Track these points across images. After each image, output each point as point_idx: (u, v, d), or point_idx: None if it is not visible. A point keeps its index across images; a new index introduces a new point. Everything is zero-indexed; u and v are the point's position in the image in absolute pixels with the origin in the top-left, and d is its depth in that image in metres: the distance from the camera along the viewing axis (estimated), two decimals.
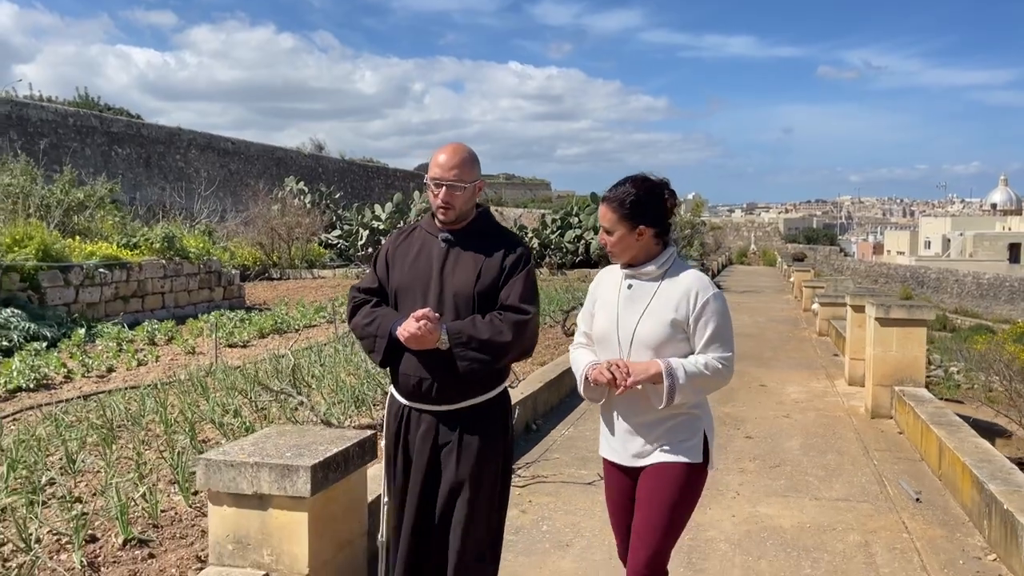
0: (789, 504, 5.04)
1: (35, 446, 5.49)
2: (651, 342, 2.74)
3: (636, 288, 2.81)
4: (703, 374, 2.69)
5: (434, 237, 2.94)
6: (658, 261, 2.80)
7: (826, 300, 14.00)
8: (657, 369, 2.66)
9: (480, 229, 2.95)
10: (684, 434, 2.76)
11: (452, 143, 2.93)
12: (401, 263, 2.95)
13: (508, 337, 2.78)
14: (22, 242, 12.53)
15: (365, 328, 2.91)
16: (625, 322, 2.79)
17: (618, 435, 2.85)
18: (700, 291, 2.75)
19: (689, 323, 2.74)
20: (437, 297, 2.83)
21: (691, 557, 4.16)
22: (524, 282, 2.89)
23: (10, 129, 26.44)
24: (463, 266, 2.87)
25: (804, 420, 7.41)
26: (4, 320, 10.65)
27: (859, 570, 4.08)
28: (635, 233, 2.77)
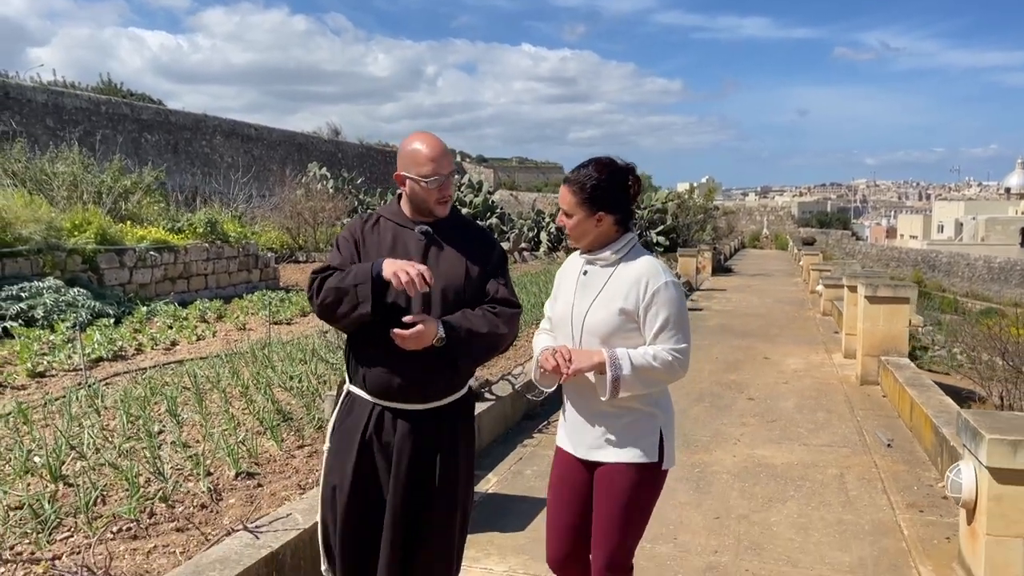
0: (781, 448, 6.03)
1: (138, 404, 6.47)
2: (600, 331, 2.66)
3: (591, 274, 2.74)
4: (651, 366, 2.59)
5: (407, 229, 2.79)
6: (614, 247, 2.72)
7: (830, 282, 14.87)
8: (600, 359, 2.58)
9: (453, 221, 2.84)
10: (639, 432, 2.68)
11: (423, 133, 2.80)
12: (376, 252, 2.75)
13: (504, 330, 2.74)
14: (81, 227, 13.53)
15: (339, 284, 2.65)
16: (578, 309, 2.73)
17: (571, 424, 2.79)
18: (651, 279, 2.65)
19: (639, 313, 2.65)
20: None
21: (699, 484, 5.17)
22: (508, 278, 2.88)
23: (46, 116, 27.49)
24: (449, 259, 2.76)
25: (800, 386, 8.37)
26: (72, 298, 11.66)
27: (833, 493, 5.09)
28: (594, 218, 2.68)
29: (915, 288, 8.50)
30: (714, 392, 7.96)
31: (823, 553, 4.19)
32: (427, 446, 2.72)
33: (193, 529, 4.21)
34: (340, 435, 2.79)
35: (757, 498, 4.98)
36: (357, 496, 2.71)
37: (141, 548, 3.91)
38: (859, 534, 4.44)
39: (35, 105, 26.93)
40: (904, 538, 4.42)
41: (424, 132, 2.81)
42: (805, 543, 4.31)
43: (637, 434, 2.67)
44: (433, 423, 2.73)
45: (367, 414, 2.74)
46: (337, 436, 2.81)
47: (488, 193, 30.91)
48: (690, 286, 19.81)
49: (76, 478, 4.68)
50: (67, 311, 11.14)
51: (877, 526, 4.56)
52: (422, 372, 2.66)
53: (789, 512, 4.75)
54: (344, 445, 2.75)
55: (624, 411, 2.66)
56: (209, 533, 4.18)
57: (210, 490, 4.64)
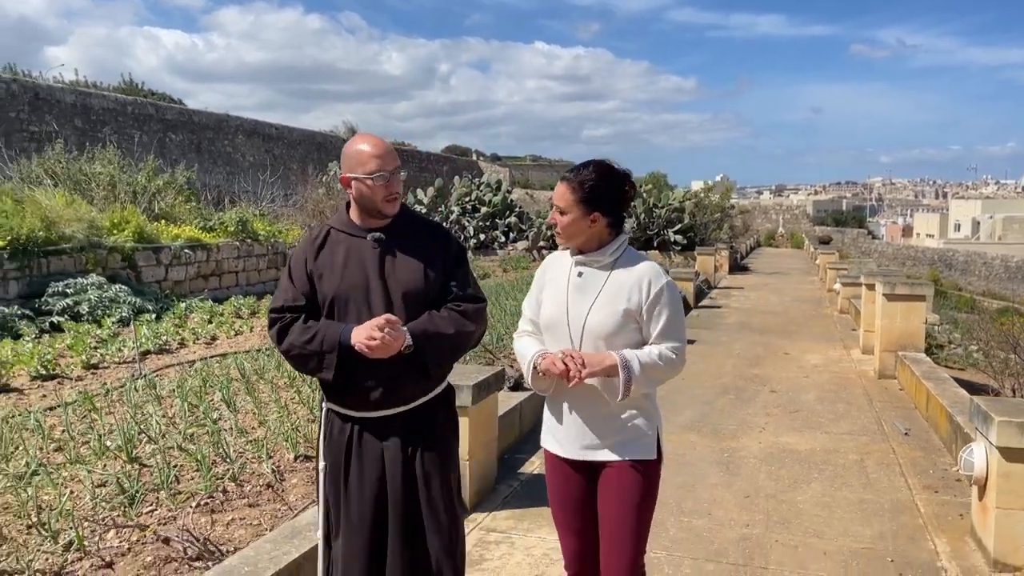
0: (804, 436, 6.40)
1: (194, 393, 6.87)
2: (602, 332, 2.68)
3: (587, 276, 2.75)
4: (657, 365, 2.65)
5: (359, 238, 2.75)
6: (609, 249, 2.74)
7: (847, 280, 15.18)
8: (612, 361, 2.61)
9: (404, 222, 2.81)
10: (639, 431, 2.72)
11: (366, 134, 2.83)
12: (330, 271, 2.73)
13: (472, 327, 2.76)
14: (120, 225, 13.98)
15: (306, 346, 2.65)
16: (575, 311, 2.72)
17: (567, 427, 2.77)
18: (653, 280, 2.70)
19: (642, 313, 2.68)
20: (384, 300, 2.69)
21: (728, 467, 5.55)
22: (467, 270, 2.87)
23: (75, 117, 28.03)
24: (405, 263, 2.74)
25: (820, 380, 8.72)
26: (114, 295, 12.10)
27: (854, 475, 5.46)
28: (588, 219, 2.70)
29: (931, 286, 8.85)
30: (738, 385, 8.33)
31: (846, 527, 4.56)
32: (414, 442, 2.72)
33: (264, 505, 4.61)
34: (330, 452, 2.78)
35: (783, 480, 5.37)
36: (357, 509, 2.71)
37: (220, 520, 4.31)
38: (879, 511, 4.81)
39: (64, 106, 27.48)
40: (921, 515, 4.79)
41: (367, 133, 2.83)
42: (829, 518, 4.69)
43: (637, 433, 2.71)
44: (416, 424, 2.73)
45: (349, 428, 2.73)
46: (328, 453, 2.79)
47: (507, 192, 31.27)
48: (708, 284, 20.13)
49: (148, 459, 5.07)
50: (110, 307, 11.58)
51: (896, 505, 4.93)
52: (394, 381, 2.66)
53: (813, 492, 5.13)
54: (337, 463, 2.75)
55: (625, 411, 2.70)
56: (278, 508, 4.58)
57: (273, 471, 5.02)
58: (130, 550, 3.96)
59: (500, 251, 26.87)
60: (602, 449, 2.71)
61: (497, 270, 20.44)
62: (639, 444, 2.71)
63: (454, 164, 58.08)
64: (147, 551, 3.94)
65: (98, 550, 3.90)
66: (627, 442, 2.70)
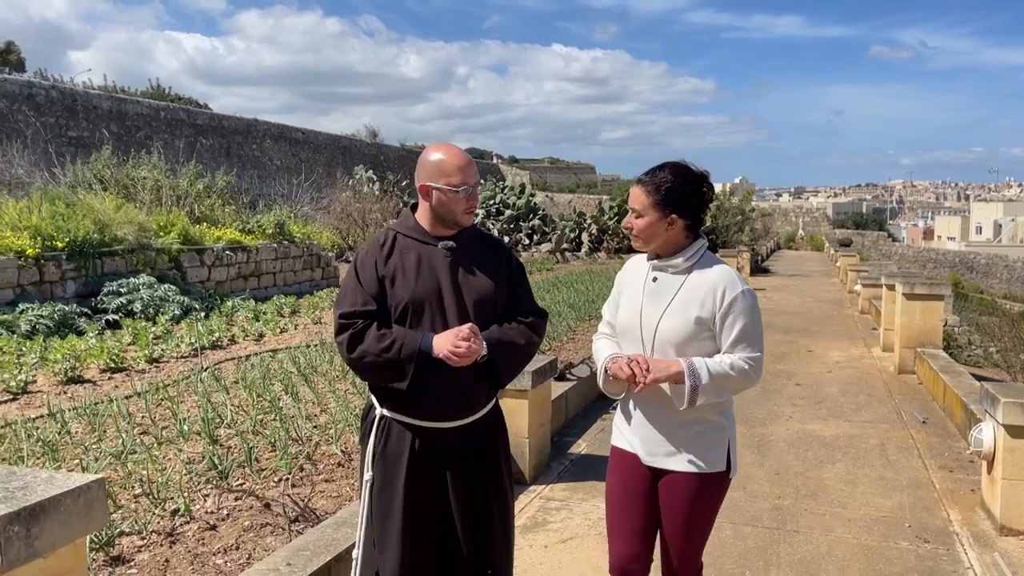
0: (828, 424, 6.89)
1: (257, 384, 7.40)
2: (674, 339, 2.63)
3: (661, 281, 2.71)
4: (728, 375, 2.59)
5: (430, 246, 2.74)
6: (686, 254, 2.69)
7: (867, 282, 15.57)
8: (679, 368, 2.56)
9: (471, 235, 2.82)
10: (709, 443, 2.68)
11: (445, 143, 2.81)
12: (403, 276, 2.69)
13: (537, 340, 2.79)
14: (166, 228, 14.60)
15: (383, 354, 2.59)
16: (648, 316, 2.69)
17: (637, 431, 2.76)
18: (728, 287, 2.63)
19: (715, 321, 2.62)
20: (457, 308, 2.68)
21: (759, 449, 6.06)
22: (528, 283, 2.90)
23: (111, 122, 28.84)
24: (476, 274, 2.74)
25: (843, 375, 9.19)
26: (164, 294, 12.70)
27: (875, 457, 5.96)
28: (665, 221, 2.65)
29: (949, 286, 9.29)
30: (764, 379, 8.79)
31: (868, 499, 5.07)
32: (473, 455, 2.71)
33: (339, 480, 5.14)
34: (383, 464, 2.70)
35: (810, 460, 5.87)
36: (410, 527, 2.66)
37: (303, 493, 4.83)
38: (898, 487, 5.31)
39: (100, 112, 28.30)
40: (936, 490, 5.29)
41: (445, 143, 2.80)
42: (853, 492, 5.20)
43: (707, 444, 2.67)
44: (474, 436, 2.72)
45: (409, 438, 2.67)
46: (380, 465, 2.70)
47: (531, 196, 31.80)
48: None
49: (226, 441, 5.61)
50: (161, 305, 12.18)
51: (913, 481, 5.43)
52: (464, 389, 2.65)
53: (838, 471, 5.63)
54: (390, 475, 2.68)
55: (696, 421, 2.65)
56: (353, 483, 5.11)
57: (342, 452, 5.53)
58: (228, 515, 4.49)
59: (524, 253, 27.37)
60: (670, 457, 2.68)
61: None
62: (708, 455, 2.66)
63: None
64: (244, 516, 4.46)
65: (202, 515, 4.44)
66: (697, 452, 2.66)
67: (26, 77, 29.91)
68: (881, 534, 4.52)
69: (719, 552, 4.22)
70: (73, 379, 7.85)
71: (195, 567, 3.91)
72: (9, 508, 1.58)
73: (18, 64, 40.58)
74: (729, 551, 4.27)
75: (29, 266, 11.38)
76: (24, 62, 41.75)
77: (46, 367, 8.14)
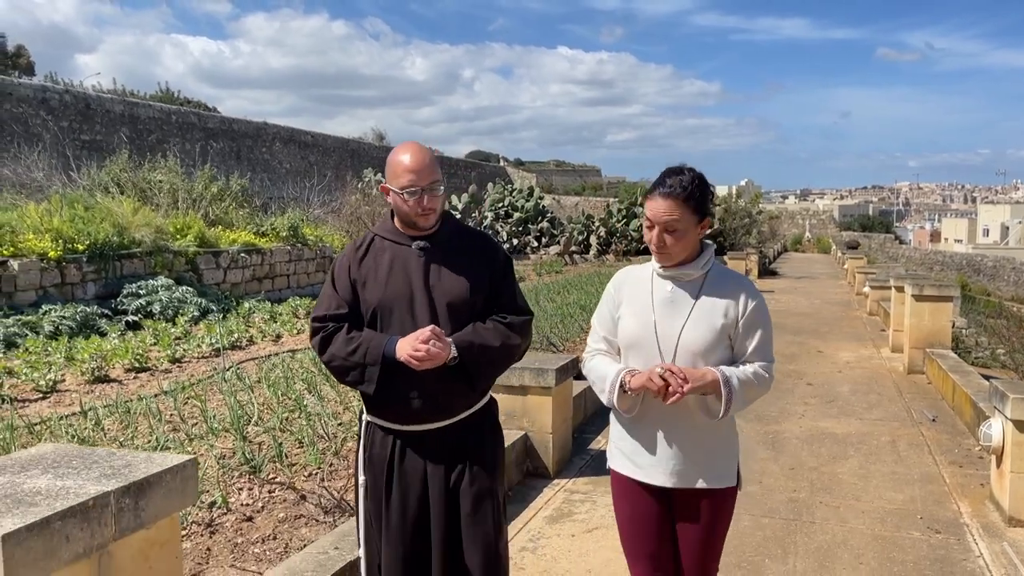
0: (840, 422, 7.06)
1: (280, 384, 7.58)
2: (699, 348, 2.55)
3: (676, 290, 2.62)
4: (752, 383, 2.55)
5: (404, 246, 2.71)
6: (700, 261, 2.62)
7: (876, 284, 15.72)
8: (714, 377, 2.48)
9: (451, 232, 2.78)
10: (721, 458, 2.63)
11: (409, 143, 2.75)
12: (374, 279, 2.67)
13: (518, 340, 2.69)
14: (183, 231, 14.81)
15: (349, 358, 2.59)
16: (666, 327, 2.58)
17: (652, 451, 2.63)
18: (750, 296, 2.60)
19: (738, 328, 2.58)
20: (428, 310, 2.62)
21: (774, 445, 6.24)
22: (514, 282, 2.80)
23: (123, 126, 29.06)
24: (450, 273, 2.68)
25: (853, 375, 9.35)
26: (182, 296, 12.91)
27: (887, 453, 6.13)
28: (699, 227, 2.57)
29: (958, 288, 9.46)
30: (776, 378, 8.88)
31: (880, 493, 5.24)
32: (456, 457, 2.67)
33: None
34: (371, 467, 2.71)
35: (823, 456, 6.04)
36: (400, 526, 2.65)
37: (333, 487, 5.01)
38: (909, 481, 5.48)
39: (113, 115, 28.54)
40: (946, 484, 5.46)
41: (411, 142, 2.74)
42: (866, 486, 5.37)
43: (720, 458, 2.62)
44: (459, 439, 2.67)
45: (391, 442, 2.66)
46: (369, 469, 2.72)
47: (539, 199, 31.98)
48: None
49: (255, 438, 5.79)
50: (180, 307, 12.38)
51: (924, 476, 5.60)
52: (438, 393, 2.60)
53: (851, 466, 5.80)
54: (378, 479, 2.68)
55: (711, 435, 2.61)
56: None
57: None
58: (263, 508, 4.68)
59: (533, 256, 27.55)
60: (690, 475, 2.60)
61: (532, 274, 21.11)
62: (724, 471, 2.62)
63: (482, 170, 58.90)
64: (279, 508, 4.64)
65: (238, 507, 4.62)
66: (713, 468, 2.61)
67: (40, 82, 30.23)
68: (894, 525, 4.69)
69: (739, 541, 4.39)
70: (100, 378, 8.04)
71: (235, 555, 4.09)
72: (120, 483, 1.76)
73: (28, 68, 40.96)
74: (748, 540, 4.45)
75: (51, 268, 11.60)
76: (34, 66, 42.14)
77: (73, 366, 8.33)
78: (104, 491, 1.70)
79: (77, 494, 1.68)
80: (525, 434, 5.22)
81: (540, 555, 4.31)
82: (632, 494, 2.69)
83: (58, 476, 1.80)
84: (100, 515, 1.69)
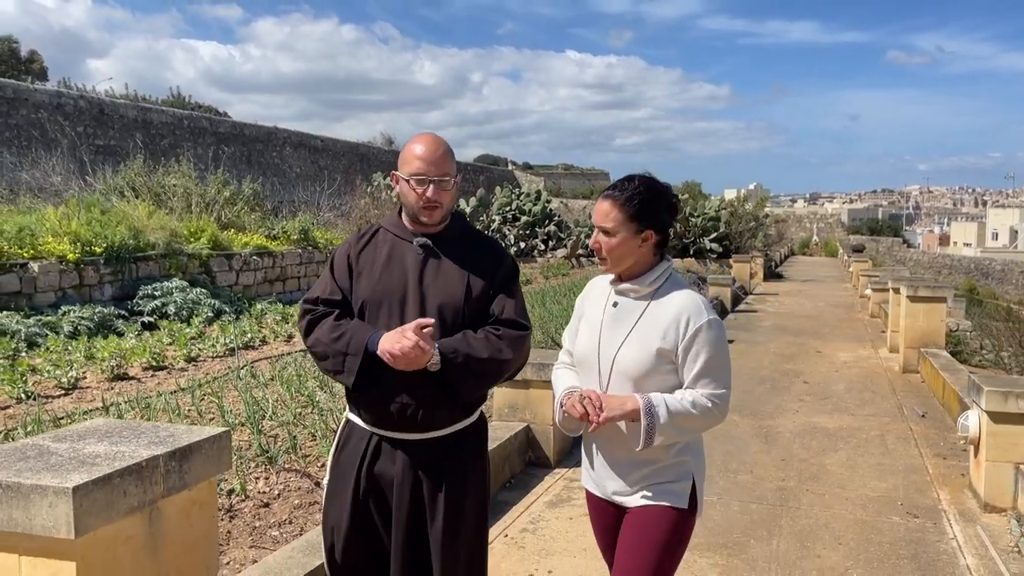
0: (832, 417, 7.33)
1: (293, 381, 7.86)
2: (632, 372, 2.39)
3: (622, 307, 2.48)
4: (689, 413, 2.36)
5: (406, 242, 2.59)
6: (649, 277, 2.46)
7: (877, 286, 15.95)
8: (634, 406, 2.33)
9: (459, 233, 2.65)
10: (670, 476, 2.45)
11: (426, 133, 2.60)
12: (369, 271, 2.56)
13: (509, 355, 2.50)
14: (196, 234, 15.15)
15: (332, 344, 2.47)
16: (607, 346, 2.46)
17: (598, 470, 2.55)
18: (692, 316, 2.39)
19: (678, 353, 2.39)
20: (419, 310, 2.49)
21: (767, 439, 6.51)
22: (518, 295, 2.62)
23: (136, 131, 29.50)
24: (447, 275, 2.54)
25: (849, 374, 9.61)
26: (196, 297, 13.23)
27: (875, 446, 6.40)
28: (639, 237, 2.42)
29: (951, 289, 9.70)
30: (774, 377, 9.24)
31: (865, 482, 5.51)
32: (430, 482, 2.50)
33: None
34: (337, 470, 2.58)
35: (813, 448, 6.31)
36: (359, 537, 2.52)
37: None
38: (894, 471, 5.75)
39: (127, 120, 28.99)
40: (929, 474, 5.72)
41: (428, 133, 2.62)
42: (852, 476, 5.64)
43: (667, 479, 2.44)
44: (436, 455, 2.51)
45: (364, 445, 2.52)
46: (334, 471, 2.59)
47: (546, 202, 32.27)
48: (744, 290, 20.96)
49: (270, 431, 6.07)
50: (194, 308, 12.69)
51: (908, 467, 5.87)
52: (419, 399, 2.44)
53: (839, 458, 6.07)
54: (341, 481, 2.54)
55: (653, 460, 2.43)
56: None
57: None
58: (279, 495, 4.96)
59: (540, 259, 27.83)
60: (628, 495, 2.47)
61: (539, 277, 21.39)
62: (666, 489, 2.44)
63: (490, 174, 59.28)
64: (294, 496, 4.93)
65: (255, 495, 4.90)
66: (654, 487, 2.44)
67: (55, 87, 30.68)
68: (875, 511, 4.96)
69: (727, 524, 4.67)
70: (119, 376, 8.33)
71: (254, 537, 4.38)
72: (167, 448, 2.05)
73: (41, 73, 41.48)
74: (736, 523, 4.72)
75: (69, 270, 11.93)
76: (47, 71, 42.68)
77: (94, 365, 8.63)
78: (155, 454, 1.99)
79: (132, 456, 1.97)
80: (527, 425, 5.50)
81: (539, 535, 4.57)
82: (595, 508, 2.63)
83: (112, 443, 2.09)
84: (151, 475, 1.97)
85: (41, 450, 2.04)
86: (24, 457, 1.98)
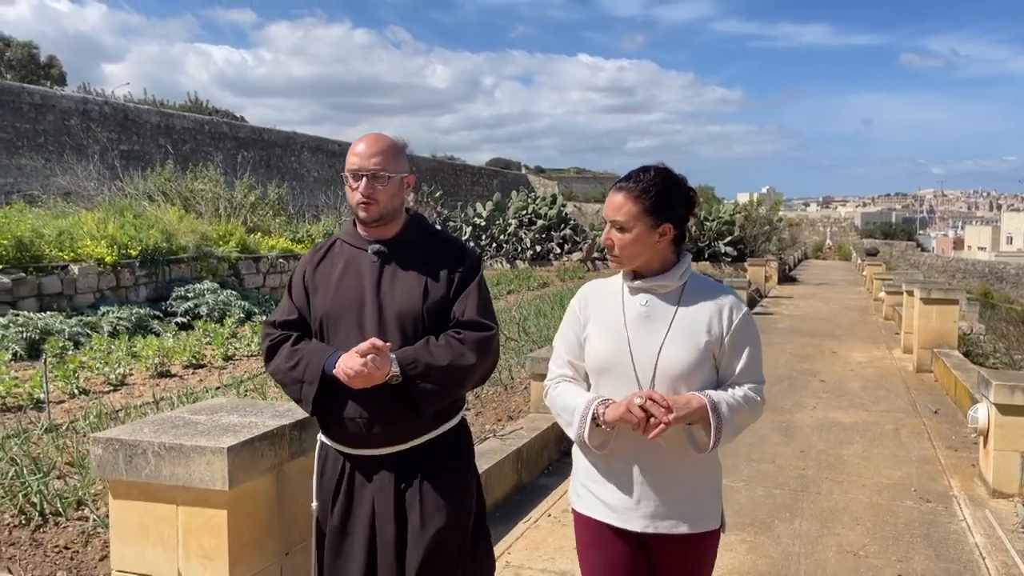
0: (848, 413, 7.66)
1: None
2: (680, 370, 2.23)
3: (652, 305, 2.30)
4: (743, 409, 2.24)
5: (361, 251, 2.49)
6: (677, 271, 2.30)
7: (891, 289, 16.22)
8: (700, 404, 2.16)
9: (416, 237, 2.53)
10: (707, 498, 2.31)
11: (371, 132, 2.50)
12: (324, 286, 2.48)
13: (472, 359, 2.38)
14: (225, 237, 15.59)
15: (289, 373, 2.40)
16: (642, 348, 2.25)
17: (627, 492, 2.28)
18: (735, 308, 2.30)
19: (723, 346, 2.26)
20: (376, 321, 2.39)
21: (786, 432, 6.85)
22: (480, 294, 2.50)
23: (159, 136, 30.04)
24: (404, 281, 2.44)
25: (864, 373, 9.93)
26: (226, 299, 13.65)
27: (889, 439, 6.73)
28: (656, 232, 2.25)
29: (964, 291, 10.02)
30: (791, 376, 9.58)
31: (881, 471, 5.85)
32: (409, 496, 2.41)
33: None
34: (321, 492, 2.50)
35: (831, 441, 6.65)
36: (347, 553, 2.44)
37: None
38: (908, 462, 6.09)
39: (150, 126, 29.53)
40: (941, 464, 6.06)
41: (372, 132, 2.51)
42: (868, 465, 5.98)
43: (704, 499, 2.30)
44: (411, 468, 2.42)
45: (340, 466, 2.45)
46: (319, 495, 2.51)
47: (562, 206, 32.60)
48: (759, 293, 21.26)
49: None
50: (225, 309, 13.11)
51: (921, 458, 6.21)
52: (382, 415, 2.36)
53: (856, 449, 6.41)
54: (326, 503, 2.47)
55: (694, 472, 2.28)
56: None
57: None
58: None
59: (555, 262, 28.18)
60: (671, 519, 2.26)
61: (555, 279, 21.74)
62: (708, 513, 2.31)
63: (503, 177, 59.66)
64: None
65: None
66: (697, 510, 2.29)
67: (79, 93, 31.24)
68: (890, 496, 5.31)
69: (753, 507, 5.02)
70: (162, 373, 8.74)
71: None
72: (290, 420, 2.42)
73: (59, 78, 42.10)
74: (761, 506, 5.07)
75: (107, 272, 12.39)
76: (65, 76, 43.29)
77: (138, 363, 9.04)
78: (283, 424, 2.36)
79: (265, 425, 2.34)
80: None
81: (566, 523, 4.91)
82: (605, 542, 2.33)
83: (242, 415, 2.46)
84: (280, 441, 2.34)
85: (185, 421, 2.42)
86: (175, 426, 2.36)
